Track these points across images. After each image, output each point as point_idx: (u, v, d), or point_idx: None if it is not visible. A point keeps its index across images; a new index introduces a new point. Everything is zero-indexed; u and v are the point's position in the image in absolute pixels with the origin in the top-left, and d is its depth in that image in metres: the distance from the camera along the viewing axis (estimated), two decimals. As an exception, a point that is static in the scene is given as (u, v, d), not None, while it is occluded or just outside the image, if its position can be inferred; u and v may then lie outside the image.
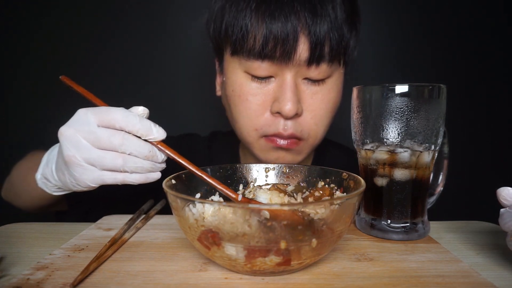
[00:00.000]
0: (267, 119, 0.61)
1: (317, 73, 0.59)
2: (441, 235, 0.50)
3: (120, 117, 0.42)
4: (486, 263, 0.41)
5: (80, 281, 0.34)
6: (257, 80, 0.60)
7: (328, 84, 0.62)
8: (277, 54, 0.56)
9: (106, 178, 0.44)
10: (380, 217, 0.47)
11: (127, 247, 0.43)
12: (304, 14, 0.55)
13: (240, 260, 0.33)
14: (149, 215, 0.55)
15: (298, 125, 0.61)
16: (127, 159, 0.43)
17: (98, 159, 0.43)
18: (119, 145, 0.42)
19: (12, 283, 0.34)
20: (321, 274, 0.36)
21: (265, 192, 0.45)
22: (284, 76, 0.59)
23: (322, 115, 0.63)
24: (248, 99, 0.61)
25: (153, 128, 0.43)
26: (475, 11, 1.04)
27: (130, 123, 0.42)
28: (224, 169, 0.50)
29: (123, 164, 0.43)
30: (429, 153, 0.45)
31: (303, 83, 0.60)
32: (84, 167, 0.43)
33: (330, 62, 0.59)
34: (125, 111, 0.43)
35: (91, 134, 0.42)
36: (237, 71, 0.61)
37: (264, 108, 0.61)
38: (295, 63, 0.57)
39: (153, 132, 0.43)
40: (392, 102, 0.44)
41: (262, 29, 0.55)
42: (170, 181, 0.41)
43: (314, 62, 0.57)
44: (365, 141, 0.47)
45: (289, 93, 0.58)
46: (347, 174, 0.44)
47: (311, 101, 0.61)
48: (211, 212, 0.37)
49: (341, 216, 0.34)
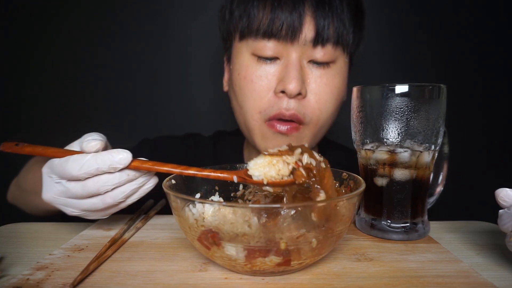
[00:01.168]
0: (271, 100, 0.62)
1: (322, 55, 0.60)
2: (441, 235, 0.50)
3: (76, 172, 0.40)
4: (486, 263, 0.41)
5: (80, 281, 0.34)
6: (263, 61, 0.62)
7: (333, 69, 0.63)
8: (282, 32, 0.58)
9: (112, 211, 0.45)
10: (380, 217, 0.47)
11: (127, 247, 0.43)
12: (310, 2, 0.59)
13: (240, 260, 0.33)
14: (149, 215, 0.55)
15: (302, 107, 0.61)
16: (114, 194, 0.42)
17: (91, 207, 0.42)
18: (97, 190, 0.41)
19: (12, 283, 0.34)
20: (321, 274, 0.36)
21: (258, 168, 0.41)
22: (290, 56, 0.60)
23: (327, 100, 0.63)
24: (253, 81, 0.62)
25: (115, 159, 0.40)
26: (475, 11, 1.04)
27: (87, 171, 0.40)
28: (224, 169, 0.50)
29: (114, 199, 0.42)
30: (429, 153, 0.45)
31: (308, 66, 0.62)
32: (87, 214, 0.44)
33: (335, 44, 0.60)
34: (75, 161, 0.40)
35: (67, 192, 0.42)
36: (244, 55, 0.63)
37: (268, 89, 0.62)
38: (301, 42, 0.59)
39: (116, 163, 0.40)
40: (392, 102, 0.44)
41: (269, 12, 0.59)
42: (170, 181, 0.41)
43: (319, 42, 0.59)
44: (365, 141, 0.47)
45: (293, 72, 0.59)
46: (347, 174, 0.44)
47: (316, 84, 0.62)
48: (211, 212, 0.37)
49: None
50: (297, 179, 0.38)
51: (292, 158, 0.39)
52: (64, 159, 0.41)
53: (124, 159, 0.41)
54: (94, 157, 0.40)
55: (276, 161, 0.40)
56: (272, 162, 0.40)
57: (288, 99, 0.60)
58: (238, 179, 0.42)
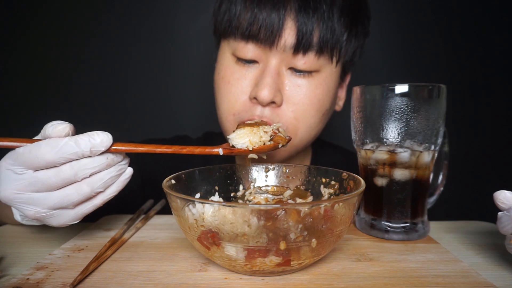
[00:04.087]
0: (245, 104, 0.60)
1: (303, 63, 0.57)
2: (441, 235, 0.50)
3: (52, 156, 0.36)
4: (486, 263, 0.41)
5: (79, 281, 0.34)
6: (241, 63, 0.60)
7: (315, 79, 0.59)
8: (261, 35, 0.56)
9: (84, 210, 0.39)
10: (380, 217, 0.47)
11: (127, 247, 0.43)
12: (294, 4, 0.55)
13: (240, 261, 0.33)
14: (149, 215, 0.55)
15: (276, 115, 0.58)
16: (92, 181, 0.38)
17: (64, 199, 0.37)
18: (74, 176, 0.37)
19: (12, 283, 0.34)
20: (321, 274, 0.36)
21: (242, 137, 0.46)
22: (269, 62, 0.58)
23: (305, 111, 0.59)
24: (230, 82, 0.60)
25: (96, 141, 0.37)
26: (475, 11, 1.04)
27: (64, 155, 0.36)
28: (224, 169, 0.50)
29: (92, 188, 0.38)
30: (429, 153, 0.45)
31: (287, 73, 0.58)
32: (55, 214, 0.38)
33: (318, 53, 0.57)
34: (49, 145, 0.36)
35: (35, 183, 0.36)
36: (226, 55, 0.62)
37: (243, 93, 0.60)
38: (280, 48, 0.56)
39: (98, 145, 0.37)
40: (392, 102, 0.44)
41: (249, 12, 0.56)
42: (170, 181, 0.41)
43: (300, 49, 0.56)
44: (365, 141, 0.47)
45: (268, 78, 0.56)
46: (347, 174, 0.44)
47: (294, 94, 0.58)
48: (211, 213, 0.37)
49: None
50: (280, 141, 0.45)
51: (269, 128, 0.46)
52: (34, 145, 0.36)
53: (105, 141, 0.38)
54: (72, 140, 0.36)
55: (257, 130, 0.45)
56: (253, 131, 0.45)
57: (262, 107, 0.58)
58: (224, 151, 0.44)
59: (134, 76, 1.07)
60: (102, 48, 1.06)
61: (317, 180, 0.48)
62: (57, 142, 0.36)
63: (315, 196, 0.48)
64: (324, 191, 0.47)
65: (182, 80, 1.08)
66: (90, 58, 1.06)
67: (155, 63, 1.07)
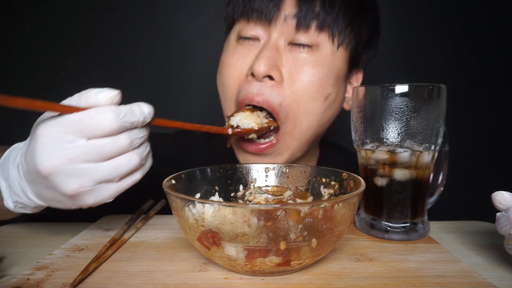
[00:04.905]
0: (243, 84, 0.58)
1: (303, 35, 0.56)
2: (441, 235, 0.50)
3: (113, 123, 0.34)
4: (486, 263, 0.41)
5: (79, 281, 0.34)
6: (242, 41, 0.60)
7: (315, 55, 0.57)
8: (262, 9, 0.56)
9: (125, 185, 0.38)
10: (380, 217, 0.47)
11: (127, 247, 0.43)
12: None
13: (240, 261, 0.33)
14: (149, 215, 0.55)
15: (276, 94, 0.56)
16: (140, 151, 0.38)
17: (114, 170, 0.36)
18: (129, 144, 0.36)
19: (12, 283, 0.34)
20: (321, 274, 0.36)
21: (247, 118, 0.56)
22: (269, 38, 0.58)
23: (305, 91, 0.57)
24: (230, 65, 0.60)
25: (145, 110, 0.37)
26: (475, 11, 1.04)
27: (124, 124, 0.35)
28: (224, 169, 0.50)
29: (140, 159, 0.37)
30: (429, 153, 0.45)
31: (288, 49, 0.58)
32: (98, 189, 0.36)
33: (319, 28, 0.56)
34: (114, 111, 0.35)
35: (89, 152, 0.34)
36: (230, 40, 0.63)
37: (243, 73, 0.59)
38: (280, 22, 0.56)
39: (147, 115, 0.37)
40: (392, 102, 0.44)
41: None
42: (170, 181, 0.41)
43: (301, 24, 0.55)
44: (365, 141, 0.47)
45: (265, 52, 0.55)
46: (347, 174, 0.44)
47: (293, 70, 0.57)
48: (211, 213, 0.37)
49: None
50: (273, 124, 0.58)
51: (262, 113, 0.58)
52: (97, 111, 0.34)
53: (151, 111, 0.38)
54: (131, 108, 0.36)
55: (256, 113, 0.57)
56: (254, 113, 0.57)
57: (260, 84, 0.56)
58: (232, 132, 0.54)
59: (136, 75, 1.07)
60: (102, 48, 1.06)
61: (317, 180, 0.48)
62: (119, 109, 0.35)
63: (315, 196, 0.48)
64: (324, 192, 0.47)
65: (185, 78, 1.08)
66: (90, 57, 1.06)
67: (157, 63, 1.07)
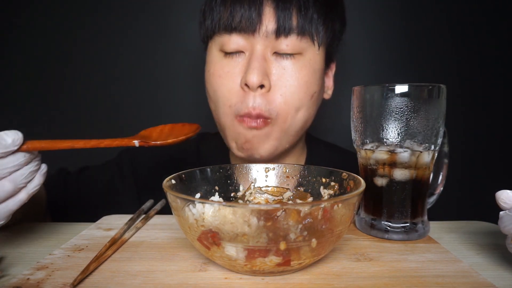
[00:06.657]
0: (238, 94, 0.61)
1: (286, 45, 0.59)
2: (441, 235, 0.50)
3: None
4: (486, 263, 0.41)
5: (80, 281, 0.34)
6: (229, 57, 0.62)
7: (300, 61, 0.61)
8: (242, 24, 0.59)
9: (10, 207, 0.40)
10: (380, 217, 0.47)
11: (127, 247, 0.43)
12: None
13: (240, 260, 0.33)
14: (149, 215, 0.55)
15: (266, 102, 0.60)
16: (14, 178, 0.39)
17: None
18: None
19: (12, 283, 0.34)
20: (321, 274, 0.36)
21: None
22: (254, 49, 0.60)
23: (293, 93, 0.61)
24: (221, 76, 0.62)
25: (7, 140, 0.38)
26: (475, 11, 1.04)
27: None
28: (224, 169, 0.50)
29: (15, 184, 0.39)
30: (429, 153, 0.45)
31: (273, 58, 0.61)
32: None
33: (300, 34, 0.59)
34: None
35: None
36: (213, 52, 0.64)
37: (235, 83, 0.61)
38: (262, 34, 0.59)
39: (10, 145, 0.38)
40: (392, 102, 0.44)
41: (229, 7, 0.59)
42: (170, 181, 0.41)
43: (282, 32, 0.58)
44: (365, 141, 0.47)
45: (255, 63, 0.58)
46: (347, 174, 0.44)
47: (281, 77, 0.60)
48: (211, 213, 0.37)
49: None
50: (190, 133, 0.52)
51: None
52: None
53: (16, 139, 0.39)
54: None
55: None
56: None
57: (254, 94, 0.59)
58: (139, 143, 0.47)
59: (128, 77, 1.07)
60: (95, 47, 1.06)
61: (317, 180, 0.48)
62: None
63: (314, 196, 0.48)
64: (323, 192, 0.47)
65: (177, 82, 1.07)
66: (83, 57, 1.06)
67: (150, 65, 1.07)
